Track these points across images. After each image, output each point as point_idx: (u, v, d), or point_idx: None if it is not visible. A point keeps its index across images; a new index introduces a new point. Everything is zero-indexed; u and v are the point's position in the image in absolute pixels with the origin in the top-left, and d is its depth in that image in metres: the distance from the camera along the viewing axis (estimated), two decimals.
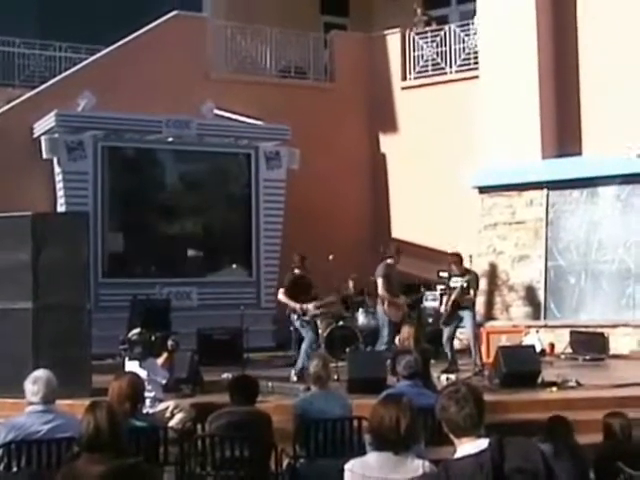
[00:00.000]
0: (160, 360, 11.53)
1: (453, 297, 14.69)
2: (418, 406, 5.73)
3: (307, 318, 14.62)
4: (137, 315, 15.56)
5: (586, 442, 7.95)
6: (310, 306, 14.52)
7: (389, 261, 15.79)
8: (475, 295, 15.15)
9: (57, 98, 18.35)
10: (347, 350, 14.84)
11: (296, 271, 14.93)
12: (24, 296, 12.22)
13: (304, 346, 14.40)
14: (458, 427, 4.59)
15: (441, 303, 15.55)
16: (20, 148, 18.18)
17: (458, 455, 4.58)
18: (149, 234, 18.86)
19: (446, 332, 14.82)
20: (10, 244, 12.33)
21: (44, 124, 18.08)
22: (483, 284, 17.02)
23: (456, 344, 15.11)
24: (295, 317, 14.54)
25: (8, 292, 12.28)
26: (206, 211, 19.53)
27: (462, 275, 14.83)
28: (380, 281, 15.58)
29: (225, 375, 13.98)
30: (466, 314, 14.73)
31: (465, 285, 14.70)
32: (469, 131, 20.12)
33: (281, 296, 14.78)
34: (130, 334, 11.63)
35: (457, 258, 15.13)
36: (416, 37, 22.40)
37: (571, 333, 17.06)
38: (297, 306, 14.48)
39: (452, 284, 14.86)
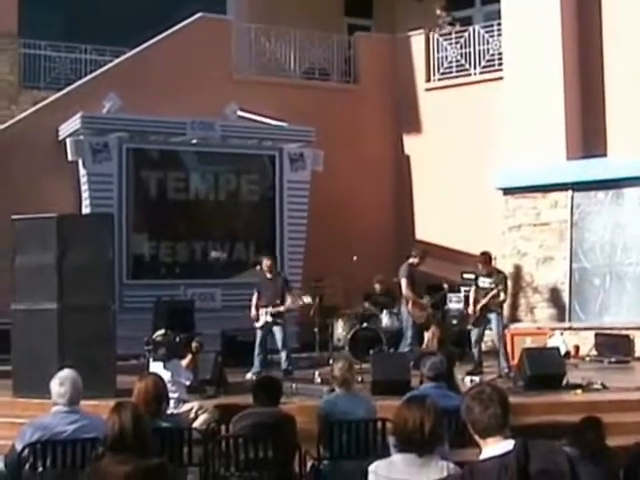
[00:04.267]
0: (184, 361, 11.57)
1: (484, 301, 14.56)
2: (442, 408, 5.71)
3: (259, 324, 14.95)
4: (161, 316, 15.63)
5: (612, 445, 7.89)
6: (262, 312, 14.89)
7: (411, 261, 15.78)
8: (505, 297, 15.03)
9: (82, 100, 18.43)
10: (371, 352, 14.84)
11: (268, 275, 15.10)
12: (49, 297, 12.28)
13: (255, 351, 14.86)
14: (483, 428, 4.58)
15: (467, 304, 15.48)
16: (46, 150, 18.27)
17: (483, 457, 4.56)
18: (173, 235, 18.89)
19: (474, 334, 14.72)
20: (36, 245, 12.40)
21: (69, 126, 18.15)
22: (509, 285, 16.94)
23: (482, 346, 15.05)
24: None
25: (34, 293, 12.35)
26: (230, 212, 19.53)
27: (489, 275, 14.70)
28: (404, 281, 15.57)
29: (249, 376, 14.04)
30: (493, 317, 14.64)
31: (493, 286, 14.57)
32: (493, 132, 20.07)
33: (252, 302, 15.13)
34: (155, 335, 11.68)
35: (485, 257, 14.96)
36: (440, 38, 22.35)
37: (596, 335, 17.00)
38: (252, 313, 14.96)
39: (480, 284, 14.73)
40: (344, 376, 8.88)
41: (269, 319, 14.96)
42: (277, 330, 14.99)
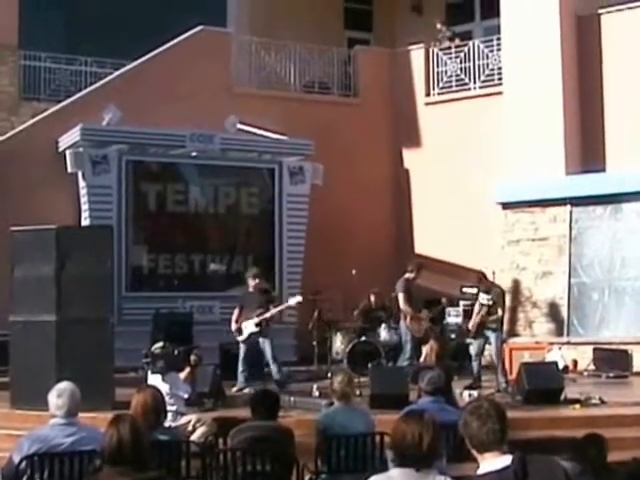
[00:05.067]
0: (183, 374, 11.56)
1: (478, 319, 14.54)
2: (440, 422, 5.70)
3: (242, 338, 14.78)
4: (160, 329, 15.60)
5: (610, 460, 7.89)
6: (247, 323, 14.74)
7: (407, 276, 15.81)
8: (503, 312, 15.03)
9: (82, 112, 18.46)
10: (369, 365, 14.83)
11: (250, 289, 15.11)
12: (48, 309, 12.27)
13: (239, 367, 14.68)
14: (481, 443, 4.57)
15: (466, 318, 15.48)
16: (45, 162, 18.29)
17: (480, 472, 4.56)
18: (172, 248, 18.89)
19: (474, 347, 14.70)
20: (35, 257, 12.40)
21: (69, 138, 18.18)
22: (507, 299, 16.94)
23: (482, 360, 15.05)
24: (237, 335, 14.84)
25: (32, 305, 12.34)
26: (229, 225, 19.55)
27: (487, 292, 14.73)
28: (401, 296, 15.60)
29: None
30: (491, 334, 14.61)
31: (491, 303, 14.58)
32: (492, 147, 20.11)
33: (233, 316, 15.03)
34: (153, 348, 11.67)
35: (479, 276, 15.07)
36: (440, 53, 22.40)
37: (594, 350, 16.99)
38: (234, 327, 14.87)
39: (480, 300, 14.75)
40: (343, 390, 8.87)
41: (254, 329, 14.80)
42: (264, 343, 14.79)
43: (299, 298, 15.91)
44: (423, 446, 5.25)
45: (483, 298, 14.70)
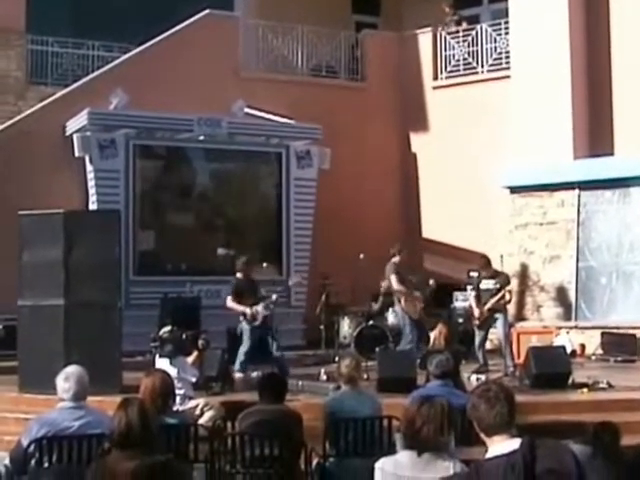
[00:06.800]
0: (190, 358, 11.58)
1: (489, 305, 14.57)
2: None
3: (257, 323, 14.39)
4: (167, 313, 15.60)
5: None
6: (259, 308, 14.35)
7: (395, 259, 15.80)
8: (510, 297, 15.04)
9: (90, 96, 18.44)
10: (376, 349, 14.83)
11: (238, 275, 14.83)
12: (56, 293, 12.29)
13: (242, 349, 14.29)
14: (489, 426, 4.57)
15: (470, 307, 15.44)
16: (53, 146, 18.28)
17: (489, 455, 4.56)
18: (180, 232, 18.89)
19: (478, 337, 14.73)
20: (42, 241, 12.41)
21: (76, 122, 18.17)
22: (514, 284, 16.92)
23: (487, 345, 15.05)
24: (244, 322, 14.39)
25: (40, 289, 12.36)
26: (237, 210, 19.54)
27: (492, 277, 14.74)
28: (393, 278, 15.60)
29: (255, 373, 14.02)
30: (500, 316, 14.66)
31: (499, 286, 14.62)
32: (500, 131, 20.05)
33: (228, 303, 14.56)
34: (161, 332, 11.69)
35: (484, 260, 15.05)
36: (447, 36, 22.33)
37: (602, 334, 16.98)
38: (247, 310, 14.30)
39: (483, 286, 14.77)
40: (350, 374, 8.88)
41: (267, 312, 14.63)
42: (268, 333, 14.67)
43: (297, 279, 15.83)
44: (432, 430, 5.27)
45: (488, 283, 14.71)
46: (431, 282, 16.45)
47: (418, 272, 17.87)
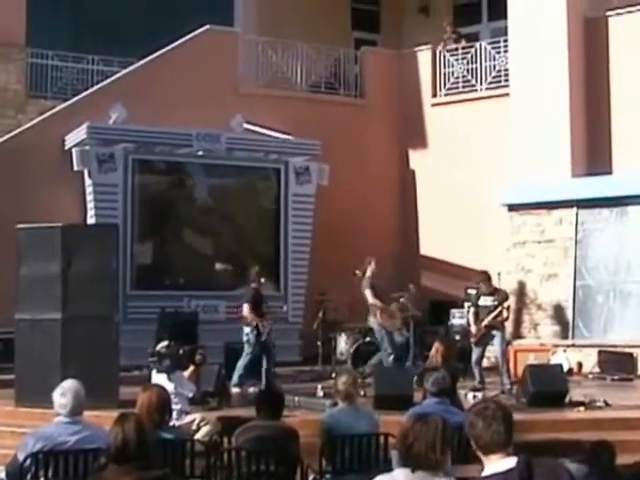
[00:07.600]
0: (187, 373, 11.57)
1: (486, 322, 14.56)
2: None
3: (263, 338, 14.63)
4: (165, 328, 15.60)
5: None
6: (266, 323, 14.63)
7: (368, 274, 15.81)
8: (508, 314, 15.03)
9: (89, 110, 18.47)
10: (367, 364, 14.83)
11: (253, 285, 14.96)
12: (53, 306, 12.29)
13: (241, 362, 14.47)
14: (486, 444, 4.57)
15: (468, 323, 15.44)
16: (51, 160, 18.30)
17: (486, 473, 4.56)
18: (178, 247, 18.91)
19: (475, 353, 14.70)
20: (40, 255, 12.41)
21: (76, 136, 18.19)
22: (512, 302, 16.92)
23: (484, 362, 15.03)
24: (250, 331, 14.56)
25: (38, 302, 12.35)
26: (235, 225, 19.55)
27: (491, 294, 14.73)
28: (368, 292, 15.59)
29: (252, 389, 14.03)
30: (497, 334, 14.63)
31: (497, 304, 14.59)
32: (499, 149, 20.09)
33: (246, 311, 14.77)
34: (158, 347, 11.67)
35: (485, 276, 15.01)
36: (447, 54, 22.38)
37: (599, 353, 16.99)
38: (260, 323, 14.58)
39: (481, 303, 14.75)
40: (348, 390, 8.86)
41: (270, 327, 14.81)
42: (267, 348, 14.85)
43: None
44: (430, 448, 5.26)
45: (486, 300, 14.68)
46: (410, 287, 16.45)
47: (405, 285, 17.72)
